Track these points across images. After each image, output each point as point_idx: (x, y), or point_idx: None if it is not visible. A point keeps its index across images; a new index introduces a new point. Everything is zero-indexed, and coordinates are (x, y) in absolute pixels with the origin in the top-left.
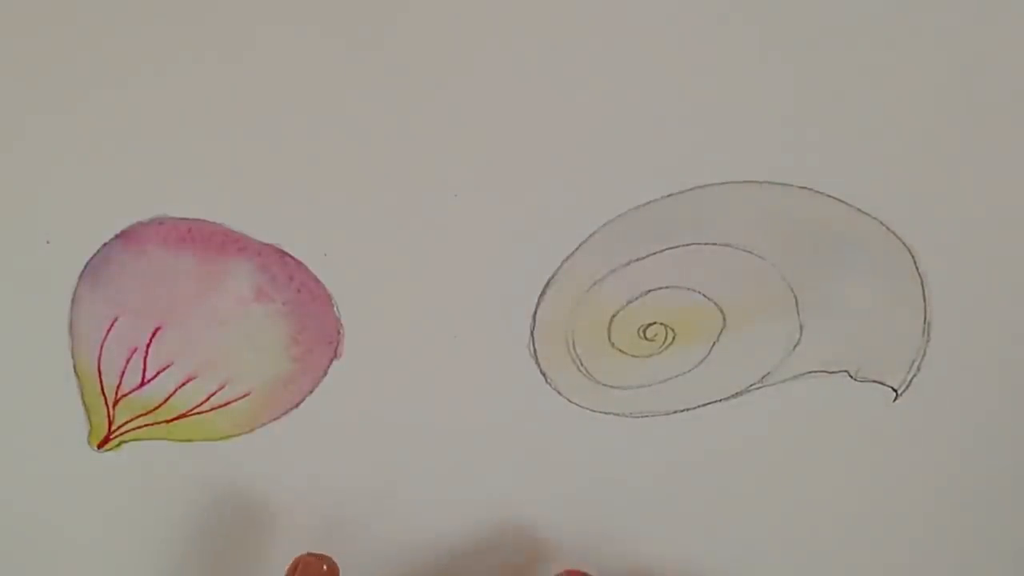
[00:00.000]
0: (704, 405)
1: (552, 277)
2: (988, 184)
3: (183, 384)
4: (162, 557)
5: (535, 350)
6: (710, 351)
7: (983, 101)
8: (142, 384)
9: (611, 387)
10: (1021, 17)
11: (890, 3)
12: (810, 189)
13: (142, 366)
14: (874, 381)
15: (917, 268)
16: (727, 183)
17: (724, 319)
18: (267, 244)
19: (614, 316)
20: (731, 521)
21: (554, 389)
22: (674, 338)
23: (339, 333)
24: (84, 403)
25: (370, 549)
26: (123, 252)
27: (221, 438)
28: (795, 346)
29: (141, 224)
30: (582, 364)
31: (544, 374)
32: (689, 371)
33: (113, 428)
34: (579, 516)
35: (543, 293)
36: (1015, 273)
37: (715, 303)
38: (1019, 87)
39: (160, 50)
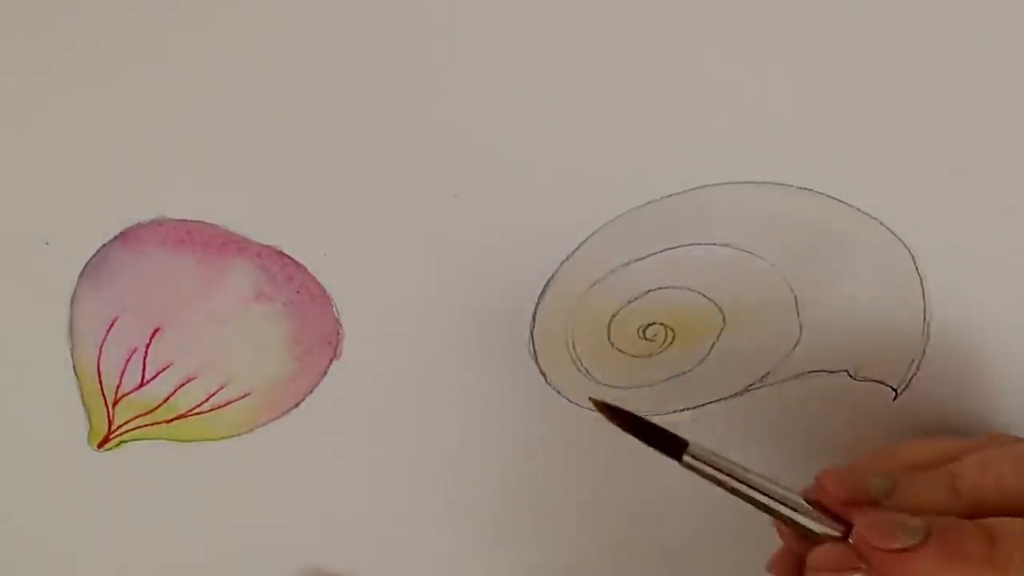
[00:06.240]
0: (704, 405)
1: (552, 277)
2: (988, 184)
3: (183, 384)
4: (162, 557)
5: (535, 350)
6: (710, 351)
7: (984, 100)
8: (142, 384)
9: (611, 387)
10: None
11: (891, 2)
12: (810, 189)
13: (142, 366)
14: (874, 381)
15: (917, 268)
16: (727, 183)
17: (724, 319)
18: (267, 245)
19: (614, 316)
20: (731, 521)
21: (554, 389)
22: (674, 338)
23: (339, 333)
24: (84, 403)
25: (369, 550)
26: (122, 253)
27: (221, 438)
28: (795, 346)
29: (140, 225)
30: (582, 364)
31: (544, 374)
32: (689, 371)
33: (113, 428)
34: (579, 515)
35: (543, 293)
36: (1015, 273)
37: (715, 303)
38: (1020, 86)
39: (160, 49)
